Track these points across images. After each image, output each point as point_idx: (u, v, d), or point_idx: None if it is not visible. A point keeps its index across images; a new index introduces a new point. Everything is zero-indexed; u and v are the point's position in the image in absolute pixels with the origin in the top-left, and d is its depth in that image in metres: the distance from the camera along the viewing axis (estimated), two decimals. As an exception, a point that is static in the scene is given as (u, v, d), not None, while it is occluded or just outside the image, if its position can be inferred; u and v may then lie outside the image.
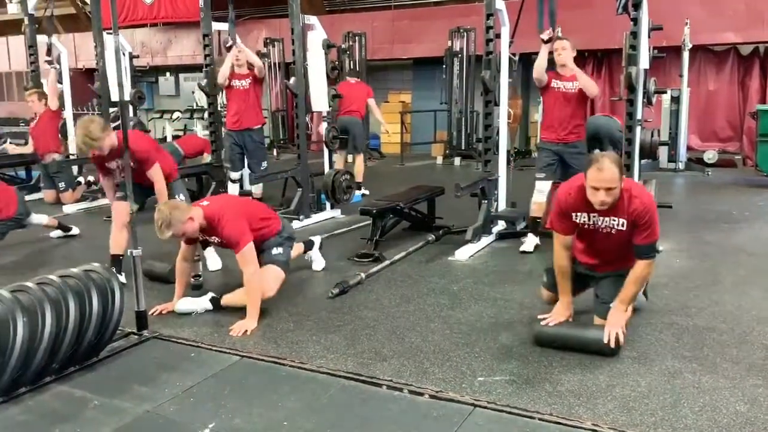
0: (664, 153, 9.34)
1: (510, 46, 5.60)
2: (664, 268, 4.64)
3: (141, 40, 14.80)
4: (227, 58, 6.77)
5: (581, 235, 3.35)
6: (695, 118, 10.29)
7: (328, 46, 6.49)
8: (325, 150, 6.87)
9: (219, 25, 7.17)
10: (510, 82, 5.64)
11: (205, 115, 8.88)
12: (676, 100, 9.38)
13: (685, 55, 9.28)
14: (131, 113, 8.27)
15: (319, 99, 6.50)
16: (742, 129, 10.29)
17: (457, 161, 11.04)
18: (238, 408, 2.77)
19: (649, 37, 5.13)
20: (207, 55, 6.98)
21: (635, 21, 4.84)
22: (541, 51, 5.13)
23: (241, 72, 6.78)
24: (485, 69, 5.33)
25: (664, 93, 8.42)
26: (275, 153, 12.36)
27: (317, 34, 6.43)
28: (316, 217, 6.54)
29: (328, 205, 6.73)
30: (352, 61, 11.80)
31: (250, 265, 3.73)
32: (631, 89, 4.95)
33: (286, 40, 11.21)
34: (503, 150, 5.72)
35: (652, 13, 5.07)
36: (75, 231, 6.14)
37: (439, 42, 11.22)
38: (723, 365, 3.08)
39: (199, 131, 12.57)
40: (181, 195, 4.75)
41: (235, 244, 3.73)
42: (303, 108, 6.48)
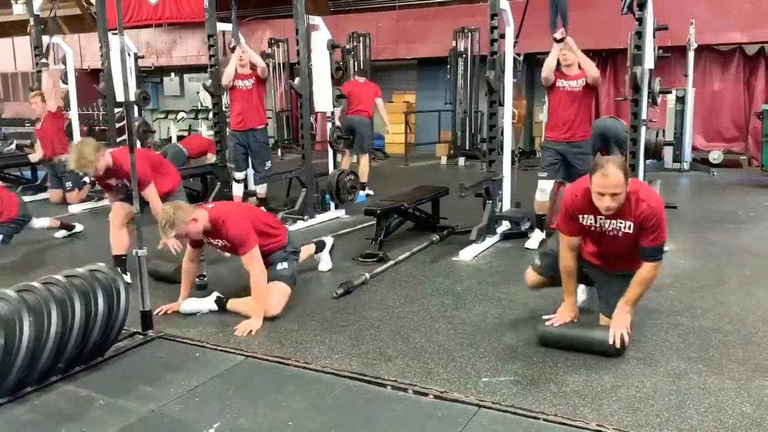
0: (669, 153, 9.31)
1: (514, 46, 5.60)
2: (669, 268, 4.62)
3: (146, 40, 14.84)
4: (232, 59, 6.78)
5: (589, 237, 3.33)
6: (700, 118, 10.27)
7: (332, 46, 6.50)
8: (330, 150, 6.87)
9: (224, 26, 7.18)
10: (514, 82, 5.64)
11: (210, 116, 8.92)
12: (681, 100, 9.36)
13: (691, 55, 9.26)
14: (136, 113, 8.29)
15: (323, 99, 6.51)
16: (747, 129, 10.25)
17: (462, 161, 11.03)
18: (242, 408, 2.77)
19: (654, 37, 5.13)
20: (212, 56, 7.00)
21: (640, 21, 4.84)
22: (553, 50, 5.14)
23: (244, 72, 6.79)
24: (490, 69, 5.33)
25: (669, 93, 8.43)
26: (279, 153, 12.38)
27: (322, 34, 6.44)
28: (320, 218, 6.55)
29: (332, 206, 6.73)
30: (356, 62, 11.81)
31: (256, 266, 3.73)
32: (636, 89, 4.95)
33: (290, 40, 11.24)
34: (508, 150, 5.71)
35: (657, 13, 5.06)
36: (78, 228, 6.16)
37: (444, 42, 11.21)
38: (729, 366, 3.07)
39: (204, 131, 12.59)
40: None
41: (240, 244, 3.73)
42: (307, 108, 6.48)
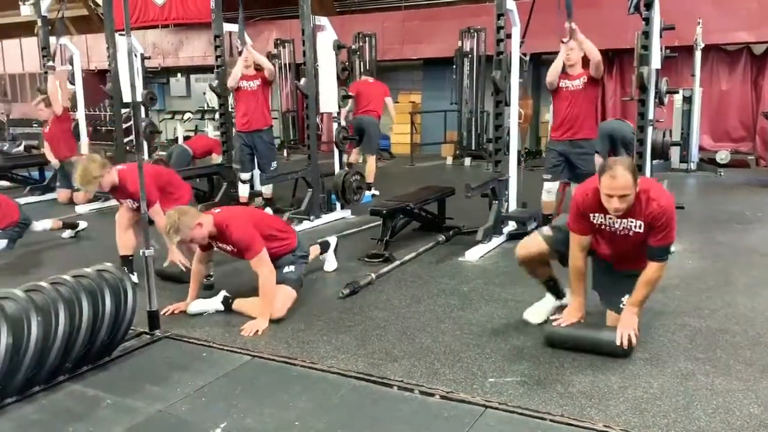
0: (676, 153, 9.28)
1: (521, 46, 5.59)
2: (676, 269, 4.61)
3: (152, 41, 14.88)
4: (239, 61, 6.79)
5: (600, 236, 3.31)
6: (707, 118, 10.21)
7: (338, 47, 6.51)
8: (336, 150, 6.88)
9: (230, 26, 7.20)
10: (521, 82, 5.63)
11: (216, 116, 8.93)
12: (688, 100, 9.32)
13: (698, 55, 9.22)
14: (143, 114, 8.32)
15: (329, 100, 6.52)
16: (755, 129, 10.20)
17: (467, 161, 11.02)
18: (249, 408, 2.78)
19: (661, 37, 5.11)
20: (218, 56, 7.02)
21: (647, 21, 4.82)
22: (560, 54, 5.16)
23: (249, 73, 6.80)
24: (496, 69, 5.32)
25: (676, 93, 8.38)
26: (285, 153, 12.40)
27: (328, 34, 6.44)
28: (326, 218, 6.55)
29: (338, 206, 6.74)
30: (362, 62, 11.81)
31: (264, 267, 3.74)
32: (643, 89, 4.94)
33: (296, 41, 11.24)
34: (514, 150, 5.71)
35: (663, 13, 5.04)
36: (83, 225, 6.18)
37: (450, 42, 11.20)
38: (736, 367, 3.06)
39: (210, 132, 12.62)
40: None
41: (246, 248, 3.75)
42: (314, 109, 6.49)
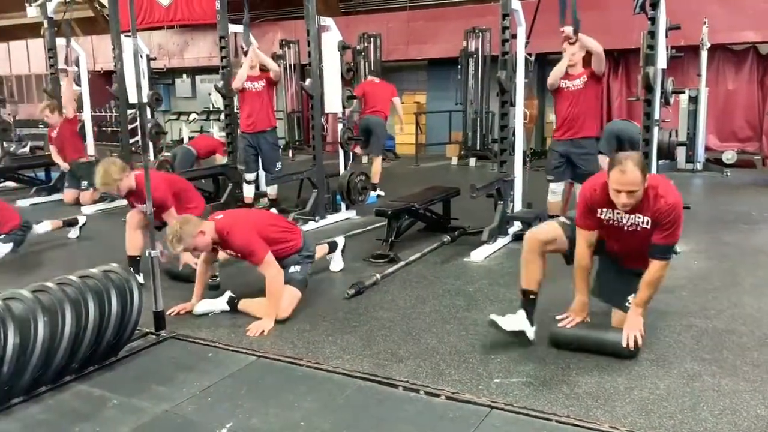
0: (682, 153, 9.26)
1: (526, 46, 5.59)
2: (682, 269, 4.60)
3: (158, 42, 14.92)
4: (245, 62, 6.79)
5: (608, 232, 3.29)
6: (714, 118, 10.18)
7: (343, 47, 6.51)
8: (341, 151, 6.88)
9: (235, 27, 7.21)
10: (526, 82, 5.63)
11: (222, 117, 8.96)
12: (694, 100, 9.30)
13: (704, 55, 9.19)
14: (149, 115, 8.34)
15: (333, 100, 6.52)
16: (761, 129, 10.16)
17: (472, 162, 11.01)
18: (255, 408, 2.78)
19: (667, 37, 5.10)
20: (223, 57, 7.03)
21: (653, 20, 4.81)
22: (564, 57, 5.16)
23: (254, 74, 6.81)
24: (501, 69, 5.31)
25: (682, 93, 8.37)
26: (290, 154, 12.41)
27: (333, 35, 6.45)
28: (331, 218, 6.55)
29: (343, 206, 6.74)
30: (367, 63, 11.82)
31: (271, 268, 3.75)
32: (649, 89, 4.93)
33: (301, 41, 11.26)
34: (519, 150, 5.70)
35: (669, 13, 5.03)
36: (82, 220, 6.20)
37: (455, 42, 11.20)
38: (743, 368, 3.05)
39: (216, 133, 12.65)
40: None
41: (249, 254, 3.76)
42: (319, 109, 6.49)
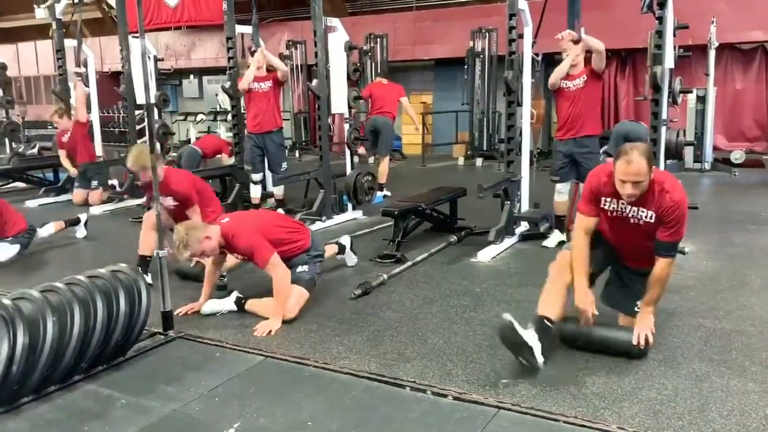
0: (689, 153, 9.21)
1: (533, 46, 5.58)
2: (690, 269, 4.59)
3: (165, 43, 14.99)
4: (252, 63, 6.80)
5: (612, 225, 3.27)
6: (722, 117, 10.14)
7: (350, 48, 6.52)
8: (347, 151, 6.89)
9: (242, 28, 7.23)
10: (533, 82, 5.63)
11: (229, 118, 8.97)
12: (702, 99, 9.26)
13: (712, 54, 9.16)
14: (156, 116, 8.37)
15: (340, 101, 6.53)
16: (770, 128, 10.13)
17: (479, 162, 10.99)
18: (262, 408, 2.79)
19: (675, 36, 5.08)
20: (230, 58, 7.05)
21: (660, 20, 4.80)
22: (568, 57, 5.14)
23: (260, 74, 6.82)
24: (508, 69, 5.31)
25: (689, 92, 8.34)
26: (297, 154, 12.43)
27: (339, 36, 6.45)
28: (338, 219, 6.56)
29: (350, 206, 6.75)
30: (374, 63, 11.83)
31: (279, 270, 3.75)
32: (656, 89, 4.92)
33: (308, 42, 11.27)
34: (526, 150, 5.69)
35: (677, 12, 5.02)
36: (84, 218, 6.24)
37: (461, 42, 11.19)
38: (752, 369, 3.03)
39: (222, 133, 12.68)
40: None
41: (254, 257, 3.77)
42: (325, 110, 6.50)
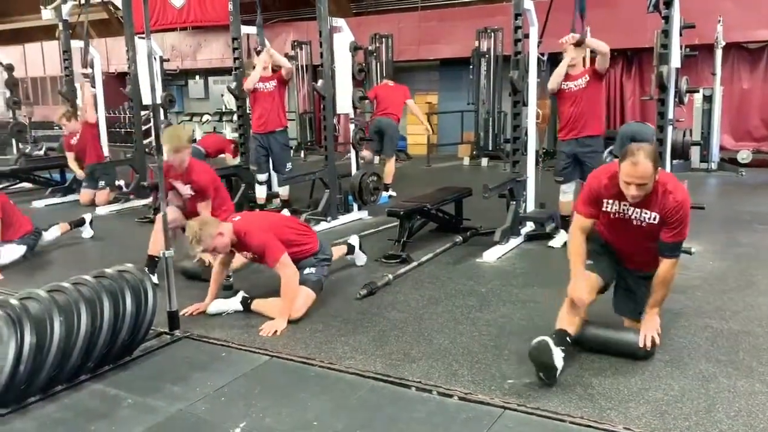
0: (696, 153, 9.18)
1: (538, 45, 5.58)
2: (697, 270, 4.57)
3: (171, 43, 15.03)
4: (258, 64, 6.81)
5: (614, 227, 3.25)
6: (728, 117, 10.08)
7: (355, 48, 6.52)
8: (352, 151, 6.89)
9: (248, 29, 7.24)
10: (538, 82, 5.62)
11: (234, 118, 8.99)
12: (708, 99, 9.22)
13: (718, 53, 9.12)
14: (162, 116, 8.39)
15: (344, 101, 6.53)
16: (776, 128, 10.08)
17: (484, 162, 10.99)
18: (268, 407, 2.79)
19: (681, 35, 5.06)
20: (236, 59, 7.06)
21: (666, 19, 4.79)
22: (565, 59, 5.16)
23: (265, 74, 6.83)
24: (513, 69, 5.30)
25: (696, 92, 8.29)
26: (302, 155, 12.44)
27: (345, 36, 6.46)
28: (343, 219, 6.56)
29: (355, 207, 6.75)
30: (379, 63, 11.83)
31: (287, 269, 3.77)
32: (663, 88, 4.90)
33: (313, 42, 11.30)
34: (532, 150, 5.69)
35: (683, 11, 5.00)
36: (88, 218, 6.25)
37: (466, 42, 11.19)
38: (759, 369, 3.02)
39: (228, 134, 12.71)
40: None
41: (266, 255, 3.78)
42: (331, 110, 6.51)
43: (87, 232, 6.18)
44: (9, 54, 14.60)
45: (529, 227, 5.68)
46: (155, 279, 4.37)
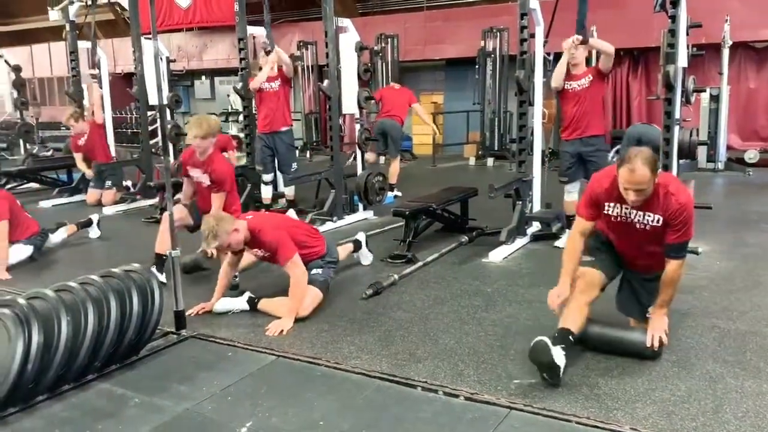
0: (703, 153, 9.14)
1: (544, 45, 5.56)
2: (704, 270, 4.55)
3: (177, 44, 15.07)
4: (266, 65, 6.81)
5: (617, 230, 3.25)
6: (735, 116, 10.04)
7: (360, 48, 6.52)
8: (358, 151, 6.90)
9: (254, 29, 7.25)
10: (544, 81, 5.61)
11: (240, 118, 9.00)
12: (715, 98, 9.17)
13: (725, 53, 9.07)
14: (168, 116, 8.42)
15: (350, 101, 6.54)
16: (784, 128, 10.02)
17: (490, 162, 10.97)
18: (274, 407, 2.80)
19: (688, 35, 5.04)
20: (242, 59, 7.07)
21: (673, 18, 4.76)
22: (564, 57, 5.17)
23: (271, 74, 6.84)
24: (519, 69, 5.30)
25: (703, 92, 8.26)
26: (308, 155, 12.46)
27: (350, 36, 6.46)
28: (349, 219, 6.57)
29: (361, 207, 6.76)
30: (384, 63, 11.83)
31: (297, 268, 3.79)
32: (669, 88, 4.88)
33: (319, 42, 11.30)
34: (538, 150, 5.68)
35: (690, 10, 4.97)
36: (95, 218, 6.28)
37: (472, 42, 11.17)
38: (766, 370, 3.01)
39: (234, 134, 12.72)
40: None
41: (278, 252, 3.80)
42: (336, 110, 6.51)
43: (94, 232, 6.20)
44: (16, 55, 14.69)
45: (535, 227, 5.67)
46: (163, 278, 4.38)
